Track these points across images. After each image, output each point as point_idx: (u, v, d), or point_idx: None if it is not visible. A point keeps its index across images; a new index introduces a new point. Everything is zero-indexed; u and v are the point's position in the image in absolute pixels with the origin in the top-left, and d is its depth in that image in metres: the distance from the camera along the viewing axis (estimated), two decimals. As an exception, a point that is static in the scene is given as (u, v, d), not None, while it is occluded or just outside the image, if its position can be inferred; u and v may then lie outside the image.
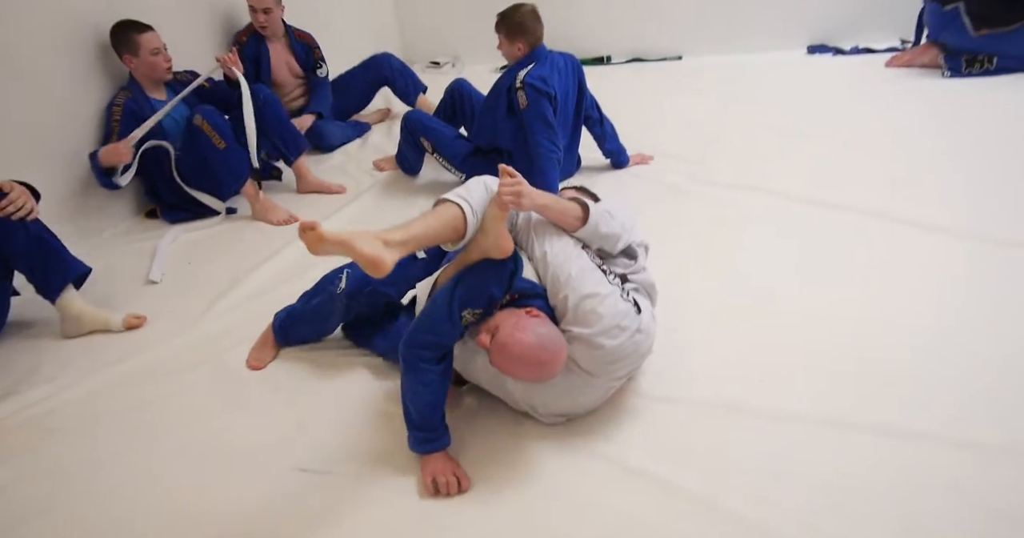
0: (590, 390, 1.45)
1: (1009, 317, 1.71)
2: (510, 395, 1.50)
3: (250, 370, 1.83)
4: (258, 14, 3.28)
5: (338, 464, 1.46)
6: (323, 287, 1.82)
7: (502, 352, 1.32)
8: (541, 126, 2.47)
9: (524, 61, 2.57)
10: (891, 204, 2.27)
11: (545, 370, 1.34)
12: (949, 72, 3.31)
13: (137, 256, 2.53)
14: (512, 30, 2.55)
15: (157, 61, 2.63)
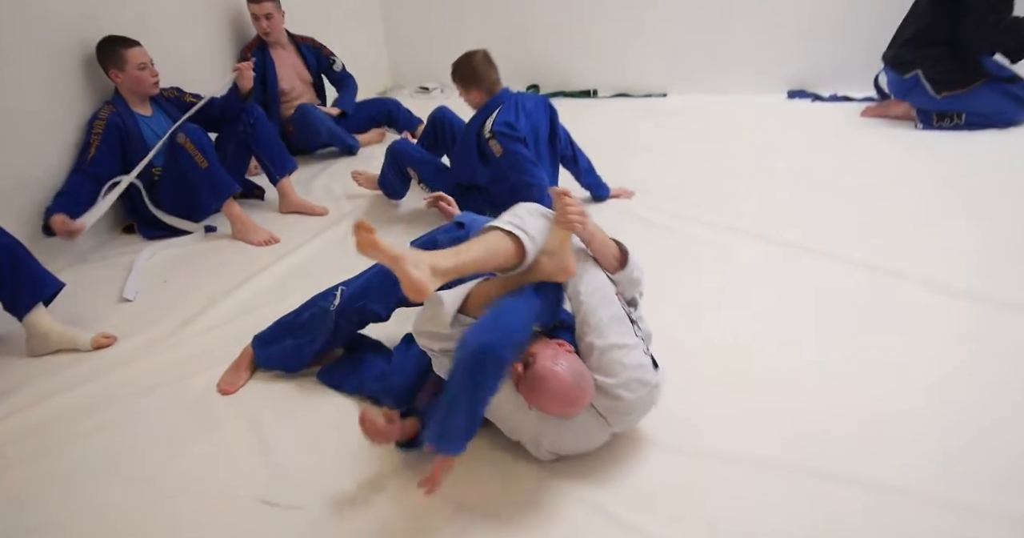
0: (600, 434, 1.46)
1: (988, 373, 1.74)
2: (519, 423, 1.44)
3: (221, 394, 1.80)
4: (260, 21, 3.39)
5: (305, 498, 1.44)
6: (315, 302, 1.83)
7: (538, 384, 1.31)
8: (525, 166, 2.50)
9: (489, 107, 2.58)
10: (866, 251, 2.31)
11: (573, 408, 1.35)
12: (921, 125, 3.43)
13: (112, 272, 2.50)
14: (466, 80, 2.59)
15: (144, 76, 2.63)
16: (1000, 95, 3.27)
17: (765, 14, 4.18)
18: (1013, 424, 1.55)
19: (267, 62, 3.49)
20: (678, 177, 3.12)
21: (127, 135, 2.65)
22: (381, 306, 1.77)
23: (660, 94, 4.51)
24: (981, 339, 1.86)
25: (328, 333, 1.79)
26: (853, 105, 3.89)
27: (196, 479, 1.52)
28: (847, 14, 3.99)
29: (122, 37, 2.62)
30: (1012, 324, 1.91)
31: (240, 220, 2.77)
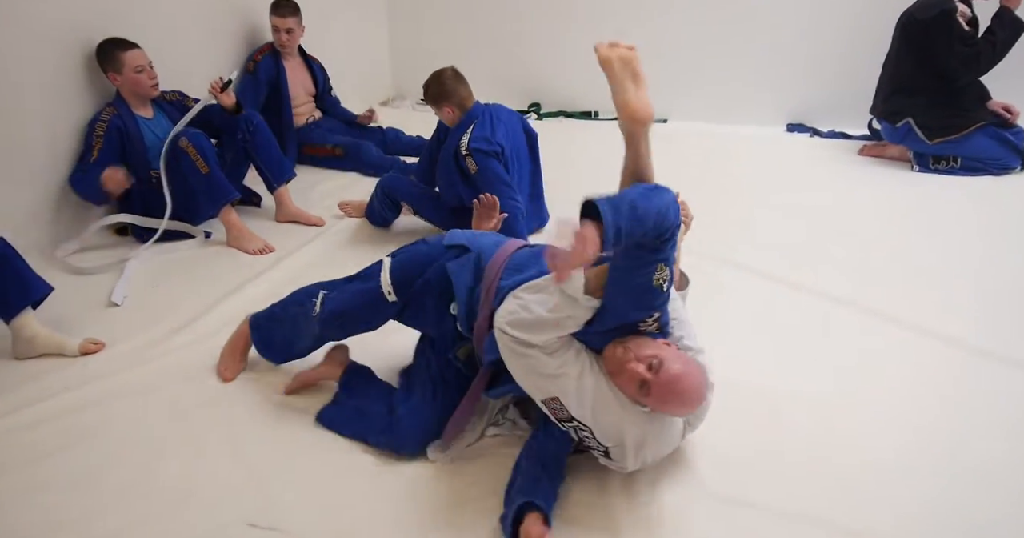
0: (679, 439, 1.49)
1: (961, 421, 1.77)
2: (627, 426, 1.37)
3: (220, 380, 1.87)
4: (281, 33, 3.43)
5: (290, 522, 1.42)
6: (299, 300, 1.82)
7: (673, 384, 1.30)
8: (497, 186, 2.51)
9: (464, 123, 2.60)
10: (852, 291, 2.34)
11: (699, 404, 1.39)
12: (918, 167, 3.48)
13: (103, 275, 2.48)
14: (437, 97, 2.61)
15: (141, 79, 2.61)
16: (994, 141, 3.33)
17: (768, 46, 4.23)
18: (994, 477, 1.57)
19: (280, 69, 3.51)
20: (676, 206, 3.13)
21: (127, 137, 2.64)
22: (364, 327, 1.76)
23: (660, 120, 4.55)
24: (961, 387, 1.88)
25: (313, 339, 1.79)
26: (851, 143, 3.93)
27: (178, 496, 1.50)
28: (849, 50, 4.04)
29: (121, 39, 2.61)
30: (992, 372, 1.93)
31: (236, 227, 2.76)
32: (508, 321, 1.38)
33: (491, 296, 1.52)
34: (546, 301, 1.37)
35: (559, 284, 1.35)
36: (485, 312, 1.52)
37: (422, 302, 1.66)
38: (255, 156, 2.92)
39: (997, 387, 1.88)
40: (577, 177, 3.50)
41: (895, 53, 3.46)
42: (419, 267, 1.66)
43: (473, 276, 1.60)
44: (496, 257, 1.60)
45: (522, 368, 1.38)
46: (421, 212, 2.76)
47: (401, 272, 1.68)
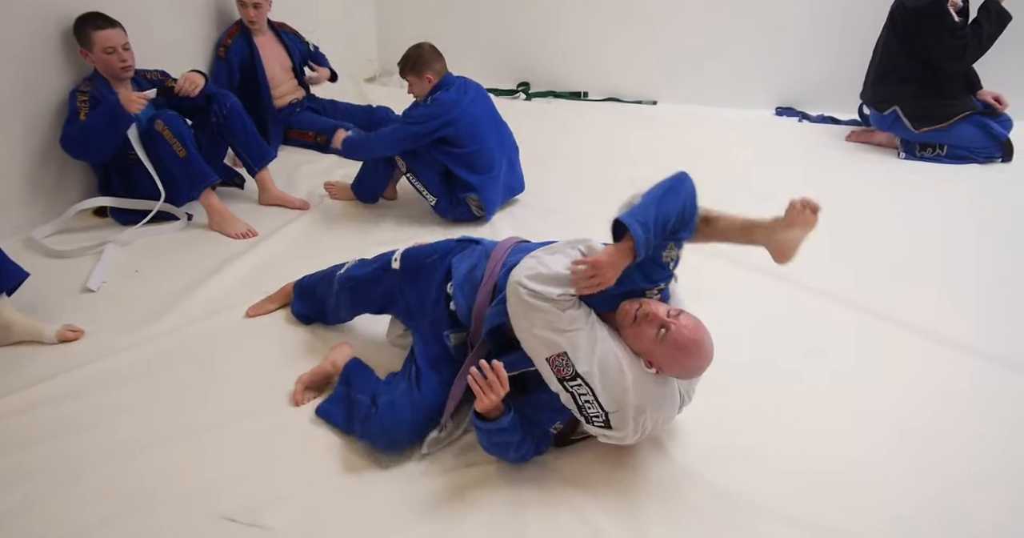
0: (674, 411, 1.54)
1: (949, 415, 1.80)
2: (636, 389, 1.40)
3: (246, 316, 2.07)
4: (248, 9, 3.29)
5: (268, 517, 1.43)
6: (337, 264, 2.04)
7: (690, 332, 1.38)
8: (401, 127, 2.65)
9: (435, 89, 2.66)
10: (836, 281, 2.35)
11: (706, 365, 1.46)
12: (904, 154, 3.48)
13: (81, 259, 2.44)
14: (417, 66, 2.65)
15: (111, 60, 2.53)
16: (980, 130, 3.33)
17: (760, 29, 4.18)
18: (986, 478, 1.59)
19: (252, 50, 3.39)
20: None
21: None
22: (369, 303, 1.92)
23: (650, 101, 4.51)
24: (940, 381, 1.91)
25: (332, 302, 1.96)
26: (839, 128, 3.92)
27: (155, 489, 1.50)
28: (842, 35, 4.01)
29: (98, 15, 2.51)
30: (970, 366, 1.96)
31: (217, 211, 2.72)
32: (526, 275, 1.43)
33: (496, 272, 1.62)
34: (563, 261, 1.44)
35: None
36: (488, 286, 1.61)
37: (425, 284, 1.75)
38: (231, 140, 2.84)
39: (977, 382, 1.90)
40: (564, 156, 3.51)
41: (884, 40, 3.44)
42: (430, 252, 1.81)
43: (476, 259, 1.71)
44: (504, 242, 1.75)
45: (535, 321, 1.40)
46: (415, 170, 2.72)
47: (412, 252, 1.85)
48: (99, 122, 2.47)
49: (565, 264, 1.43)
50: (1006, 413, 1.79)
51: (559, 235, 2.62)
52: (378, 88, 4.63)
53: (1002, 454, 1.66)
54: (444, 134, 2.63)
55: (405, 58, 2.68)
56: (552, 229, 2.72)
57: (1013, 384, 1.90)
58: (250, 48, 3.38)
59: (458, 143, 2.66)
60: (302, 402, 1.76)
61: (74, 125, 2.50)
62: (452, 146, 2.66)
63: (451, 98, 2.62)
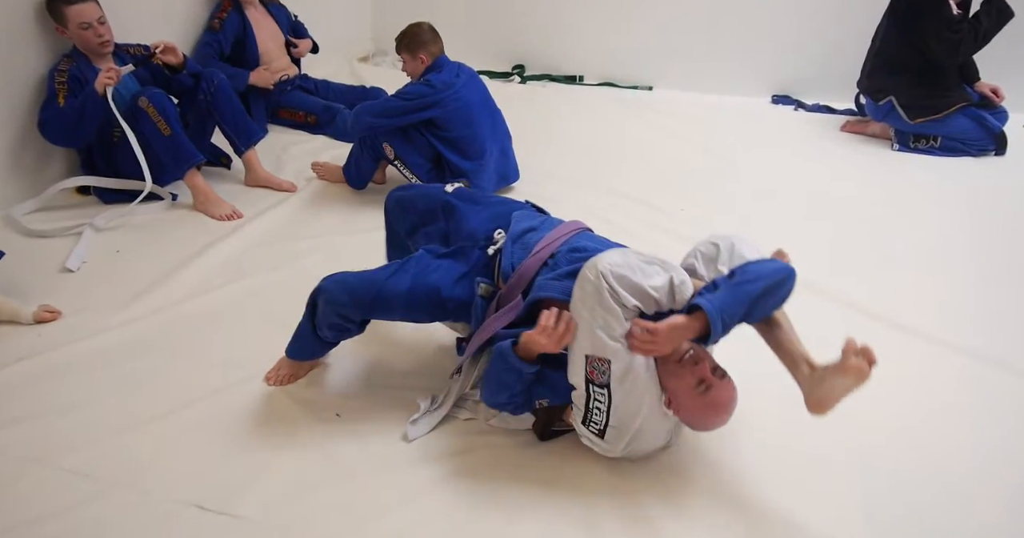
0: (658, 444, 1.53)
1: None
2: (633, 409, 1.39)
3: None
4: None
5: (240, 506, 1.42)
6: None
7: (724, 395, 1.39)
8: (392, 99, 2.63)
9: (428, 70, 2.64)
10: (824, 274, 2.32)
11: (713, 428, 1.48)
12: (898, 145, 3.45)
13: (62, 239, 2.40)
14: (412, 44, 2.63)
15: (87, 36, 2.47)
16: (974, 122, 3.31)
17: (757, 16, 4.12)
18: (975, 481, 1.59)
19: (245, 23, 3.33)
20: (651, 180, 3.09)
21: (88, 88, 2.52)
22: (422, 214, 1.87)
23: (646, 87, 4.46)
24: (930, 376, 1.91)
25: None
26: (834, 118, 3.89)
27: (127, 475, 1.49)
28: (838, 24, 3.96)
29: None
30: (961, 363, 1.96)
31: (202, 192, 2.68)
32: (615, 270, 1.33)
33: (556, 245, 1.58)
34: (659, 278, 1.36)
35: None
36: (542, 255, 1.56)
37: (476, 217, 1.73)
38: (218, 119, 2.80)
39: (971, 380, 1.89)
40: (556, 142, 3.47)
41: (883, 29, 3.39)
42: (491, 196, 1.88)
43: (537, 224, 1.67)
44: (570, 223, 1.69)
45: (596, 317, 1.35)
46: (403, 156, 2.68)
47: (468, 190, 1.85)
48: (76, 110, 2.43)
49: (661, 282, 1.35)
50: (995, 411, 1.79)
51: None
52: (371, 67, 4.56)
53: (998, 455, 1.65)
54: (433, 115, 2.60)
55: (403, 34, 2.66)
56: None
57: (1006, 382, 1.89)
58: (243, 22, 3.33)
59: (448, 126, 2.63)
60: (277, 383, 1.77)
61: (51, 110, 2.44)
62: (442, 130, 2.63)
63: (443, 79, 2.60)
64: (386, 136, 2.67)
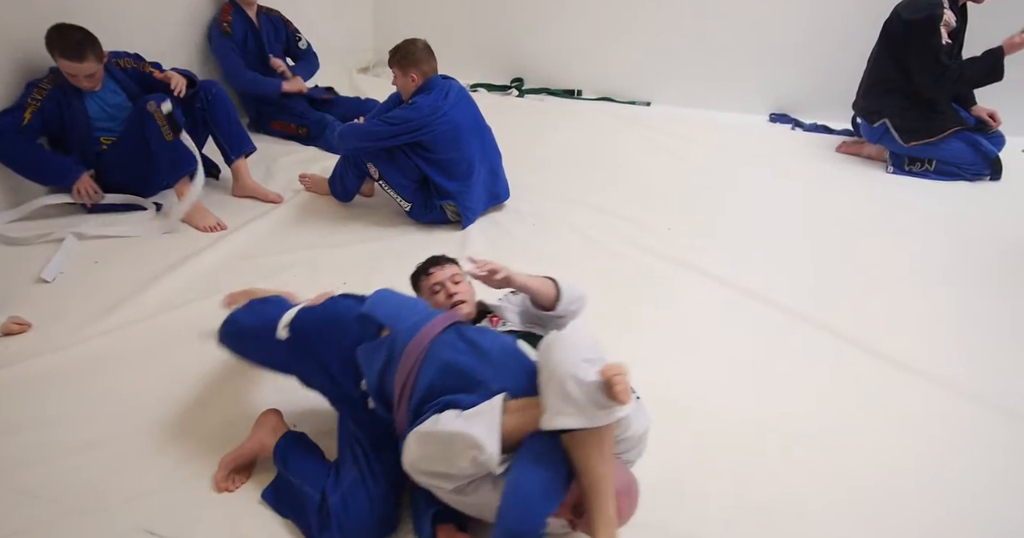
0: None
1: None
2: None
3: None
4: None
5: (188, 532, 1.39)
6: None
7: (634, 496, 1.28)
8: (377, 123, 2.58)
9: (419, 90, 2.61)
10: (808, 303, 2.29)
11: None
12: (892, 168, 3.41)
13: (40, 247, 2.39)
14: (405, 62, 2.60)
15: (76, 80, 2.47)
16: (969, 147, 3.26)
17: (758, 33, 4.10)
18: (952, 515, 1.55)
19: (249, 26, 3.40)
20: (641, 198, 3.07)
21: (68, 109, 2.53)
22: (258, 357, 1.63)
23: (644, 102, 4.44)
24: (909, 405, 1.86)
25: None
26: (830, 138, 3.85)
27: (81, 497, 1.46)
28: (839, 43, 3.93)
29: (67, 41, 2.38)
30: (943, 395, 1.91)
31: (189, 201, 2.68)
32: (416, 468, 1.27)
33: (407, 393, 1.34)
34: (453, 461, 1.21)
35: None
36: (403, 408, 1.35)
37: (325, 362, 1.48)
38: (213, 126, 2.82)
39: (954, 417, 1.84)
40: (551, 158, 3.45)
41: (877, 50, 3.36)
42: (327, 325, 1.49)
43: (385, 356, 1.39)
44: (417, 339, 1.38)
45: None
46: (386, 177, 2.66)
47: (305, 320, 1.51)
48: (40, 164, 2.48)
49: (457, 470, 1.21)
50: (974, 442, 1.75)
51: (536, 242, 2.66)
52: (371, 78, 4.56)
53: (980, 490, 1.61)
54: (420, 138, 2.57)
55: (396, 49, 2.64)
56: (530, 236, 2.70)
57: (985, 414, 1.85)
58: (247, 26, 3.37)
59: (435, 149, 2.60)
60: (228, 488, 1.48)
61: (10, 122, 2.41)
62: (429, 151, 2.60)
63: (430, 103, 2.56)
64: (371, 156, 2.65)
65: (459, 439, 1.18)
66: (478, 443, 1.17)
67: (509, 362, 1.32)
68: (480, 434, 1.17)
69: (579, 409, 1.15)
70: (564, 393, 1.16)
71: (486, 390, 1.28)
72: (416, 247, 2.58)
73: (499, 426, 1.20)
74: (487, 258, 1.54)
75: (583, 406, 1.14)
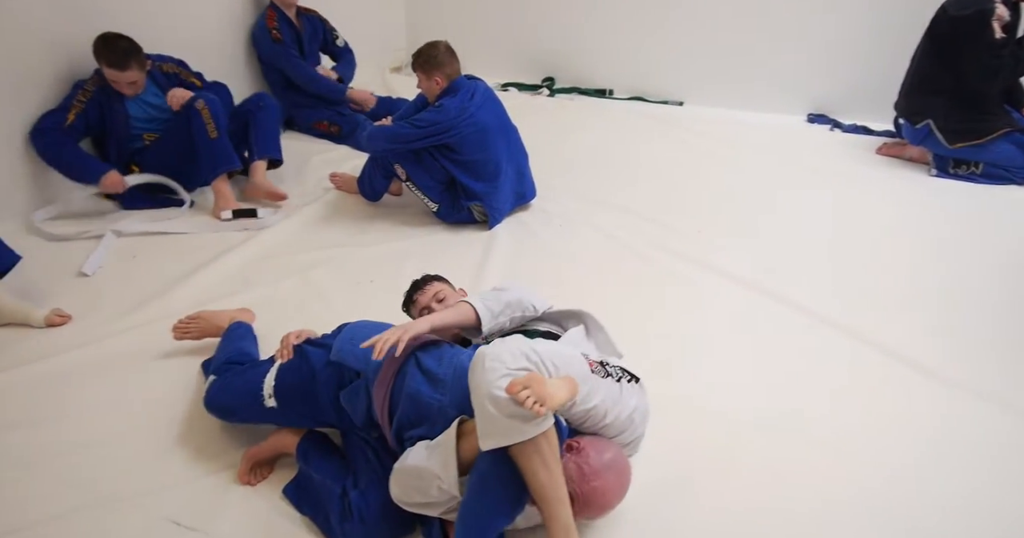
0: None
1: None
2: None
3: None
4: None
5: (211, 524, 1.42)
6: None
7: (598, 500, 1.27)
8: (404, 126, 2.58)
9: (445, 92, 2.63)
10: (842, 311, 2.22)
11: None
12: (936, 171, 3.29)
13: (82, 242, 2.48)
14: (428, 66, 2.61)
15: (118, 86, 2.60)
16: (1019, 149, 3.12)
17: (795, 31, 4.00)
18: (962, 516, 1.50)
19: (294, 30, 3.49)
20: (671, 200, 3.02)
21: (109, 109, 2.63)
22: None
23: (676, 102, 4.37)
24: (935, 424, 1.79)
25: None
26: (871, 139, 3.74)
27: (107, 487, 1.50)
28: (881, 40, 3.80)
29: (114, 51, 2.51)
30: (970, 410, 1.84)
31: (224, 198, 2.76)
32: (402, 501, 1.33)
33: (387, 426, 1.42)
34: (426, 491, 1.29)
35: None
36: (389, 436, 1.44)
37: (317, 413, 1.54)
38: (252, 129, 2.90)
39: (974, 425, 1.78)
40: (580, 158, 3.44)
41: (922, 48, 3.24)
42: (307, 384, 1.52)
43: (365, 401, 1.46)
44: (378, 383, 1.44)
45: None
46: (414, 178, 2.68)
47: (285, 387, 1.54)
48: (74, 162, 2.56)
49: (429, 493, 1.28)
50: (1008, 454, 1.68)
51: (562, 243, 2.65)
52: (403, 78, 4.60)
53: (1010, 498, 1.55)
54: (447, 141, 2.58)
55: (418, 54, 2.65)
56: (556, 237, 2.68)
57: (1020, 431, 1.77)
58: (291, 28, 3.45)
59: (462, 150, 2.61)
60: (251, 482, 1.52)
61: (55, 122, 2.52)
62: (456, 153, 2.62)
63: (456, 105, 2.57)
64: (398, 158, 2.66)
65: (424, 472, 1.27)
66: (438, 474, 1.25)
67: (463, 383, 1.32)
68: (436, 466, 1.25)
69: (500, 428, 1.17)
70: (485, 413, 1.18)
71: (446, 416, 1.34)
72: (442, 247, 2.61)
73: (454, 454, 1.25)
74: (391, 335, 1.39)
75: (502, 423, 1.16)
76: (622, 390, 1.36)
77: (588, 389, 1.28)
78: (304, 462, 1.52)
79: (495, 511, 1.23)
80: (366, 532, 1.36)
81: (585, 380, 1.28)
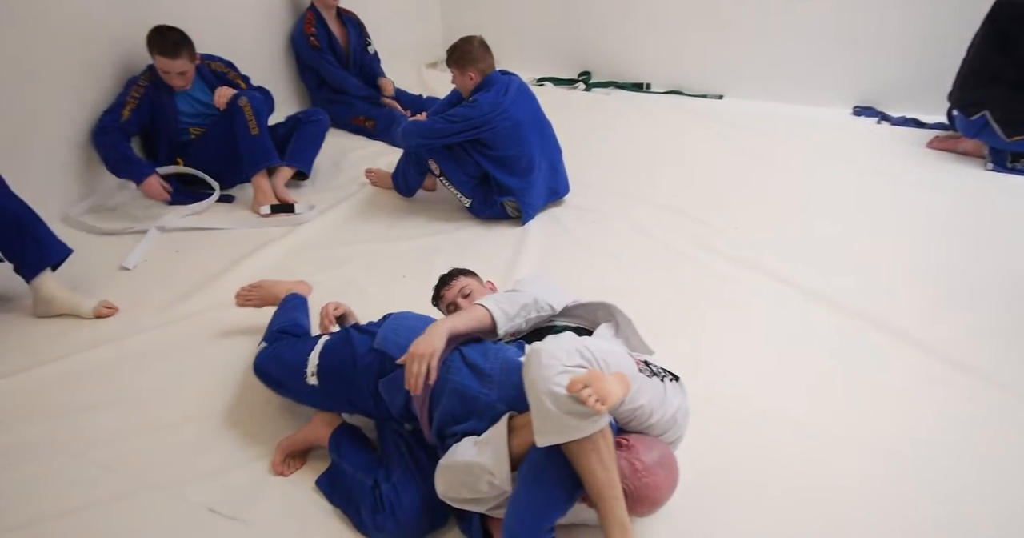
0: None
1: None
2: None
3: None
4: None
5: (248, 512, 1.45)
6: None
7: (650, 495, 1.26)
8: (438, 121, 2.58)
9: (479, 87, 2.62)
10: (888, 311, 2.14)
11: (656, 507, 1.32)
12: (992, 165, 3.15)
13: (123, 237, 2.55)
14: (463, 61, 2.61)
15: (169, 77, 2.68)
16: (1084, 143, 2.97)
17: (838, 20, 3.86)
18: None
19: (330, 34, 3.54)
20: (709, 196, 2.95)
21: (160, 106, 2.72)
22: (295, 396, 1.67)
23: (716, 96, 4.28)
24: (981, 427, 1.71)
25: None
26: (922, 133, 3.59)
27: (149, 475, 1.55)
28: (930, 29, 3.65)
29: (167, 39, 2.60)
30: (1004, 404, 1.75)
31: (264, 193, 2.82)
32: (448, 497, 1.34)
33: (426, 420, 1.43)
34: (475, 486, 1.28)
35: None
36: (428, 432, 1.44)
37: (356, 399, 1.55)
38: (296, 136, 2.96)
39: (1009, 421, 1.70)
40: (616, 154, 3.40)
41: (981, 36, 3.09)
42: (348, 368, 1.53)
43: (404, 391, 1.44)
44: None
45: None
46: (448, 173, 2.68)
47: (328, 366, 1.56)
48: (121, 162, 2.63)
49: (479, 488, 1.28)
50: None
51: (596, 240, 2.62)
52: (439, 73, 4.60)
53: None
54: (480, 136, 2.58)
55: (452, 49, 2.66)
56: (590, 233, 2.66)
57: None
58: (329, 33, 3.51)
59: (496, 145, 2.61)
60: (284, 472, 1.55)
61: (112, 121, 2.62)
62: (489, 148, 2.61)
63: (489, 100, 2.57)
64: (432, 153, 2.67)
65: (474, 467, 1.27)
66: (489, 469, 1.24)
67: (512, 378, 1.33)
68: (488, 461, 1.25)
69: (558, 425, 1.16)
70: (543, 410, 1.17)
71: (494, 411, 1.34)
72: (475, 242, 2.60)
73: (506, 449, 1.25)
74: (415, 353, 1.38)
75: (561, 421, 1.15)
76: (666, 389, 1.34)
77: (636, 388, 1.26)
78: (336, 454, 1.54)
79: (550, 505, 1.22)
80: (397, 525, 1.36)
81: (634, 378, 1.26)
